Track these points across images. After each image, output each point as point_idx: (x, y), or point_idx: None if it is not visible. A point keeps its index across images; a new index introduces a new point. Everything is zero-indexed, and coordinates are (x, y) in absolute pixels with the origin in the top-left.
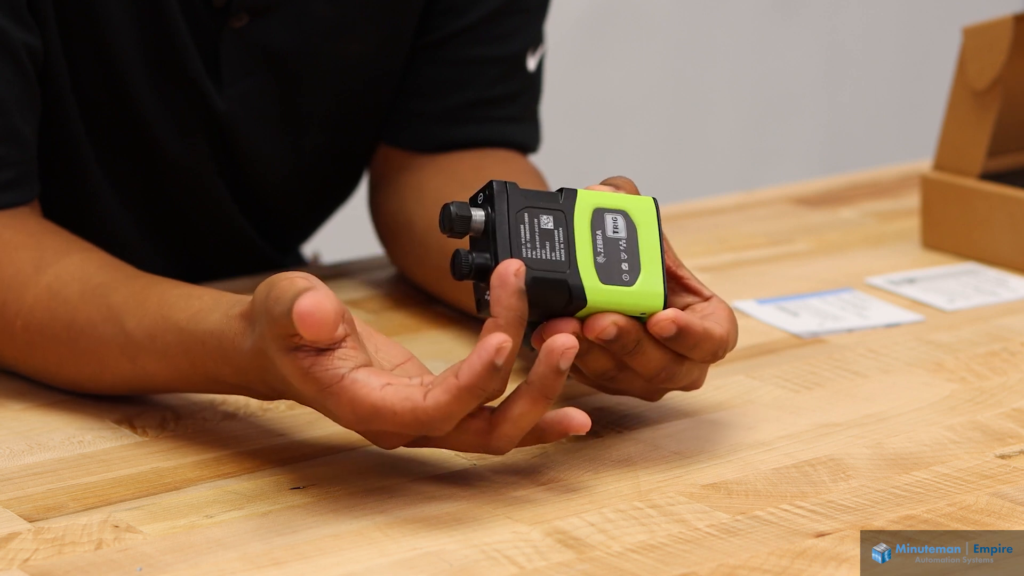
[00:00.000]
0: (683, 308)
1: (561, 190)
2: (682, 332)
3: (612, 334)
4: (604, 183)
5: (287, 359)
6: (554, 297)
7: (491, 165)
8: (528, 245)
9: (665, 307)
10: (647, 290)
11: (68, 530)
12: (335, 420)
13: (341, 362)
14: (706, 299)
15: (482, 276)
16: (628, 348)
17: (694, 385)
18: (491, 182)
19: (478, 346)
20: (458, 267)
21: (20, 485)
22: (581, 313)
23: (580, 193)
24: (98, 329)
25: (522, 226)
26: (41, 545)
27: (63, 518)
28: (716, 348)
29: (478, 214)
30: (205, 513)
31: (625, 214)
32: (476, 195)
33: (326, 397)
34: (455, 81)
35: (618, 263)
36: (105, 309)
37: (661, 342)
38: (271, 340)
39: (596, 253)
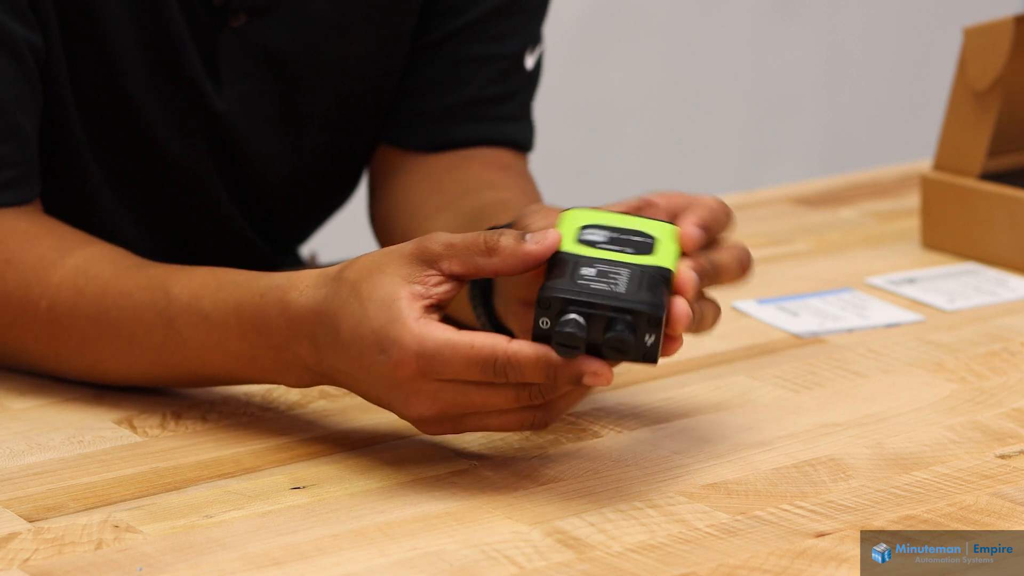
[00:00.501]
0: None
1: (554, 257)
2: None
3: (701, 237)
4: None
5: (391, 281)
6: (661, 289)
7: (475, 166)
8: (616, 287)
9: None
10: (661, 228)
11: (68, 530)
12: (388, 363)
13: (430, 311)
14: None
15: (648, 327)
16: (723, 227)
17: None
18: (542, 293)
19: (589, 360)
20: (637, 351)
21: (20, 485)
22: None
23: (566, 247)
24: (133, 297)
25: (593, 284)
26: (41, 545)
27: (63, 518)
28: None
29: (579, 319)
30: (205, 513)
31: (579, 228)
32: (542, 316)
33: (395, 325)
34: (454, 80)
35: (632, 242)
36: (145, 279)
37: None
38: (400, 264)
39: (623, 252)
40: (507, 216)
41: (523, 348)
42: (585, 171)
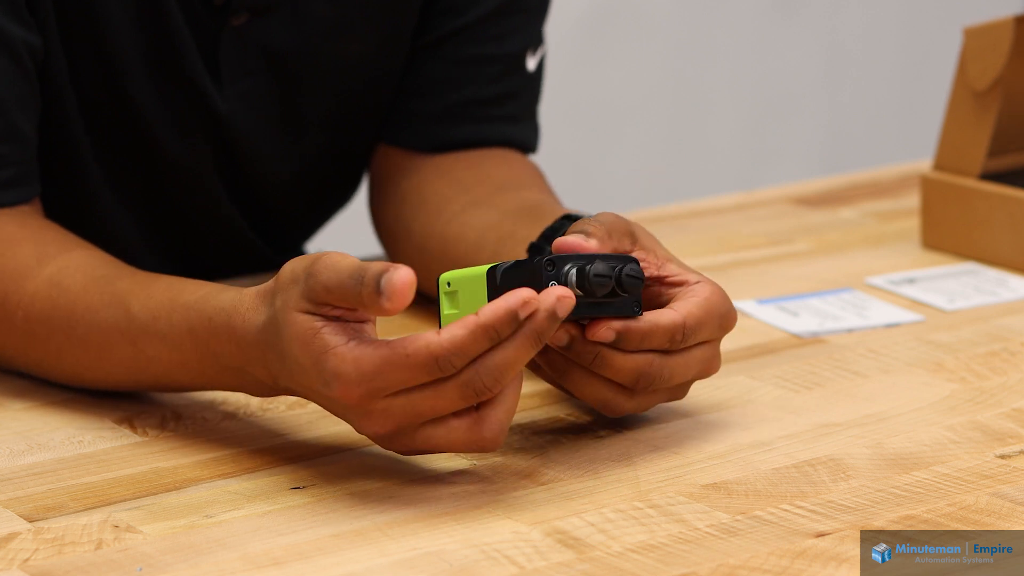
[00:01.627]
0: (668, 303)
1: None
2: (621, 335)
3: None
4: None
5: (302, 317)
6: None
7: (491, 166)
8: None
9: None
10: None
11: (68, 530)
12: (332, 395)
13: (352, 331)
14: (691, 286)
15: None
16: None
17: (676, 394)
18: (546, 258)
19: (508, 294)
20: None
21: (20, 485)
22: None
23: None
24: (100, 314)
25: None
26: (41, 545)
27: (63, 518)
28: (670, 336)
29: (600, 266)
30: (205, 513)
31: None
32: (550, 280)
33: (327, 358)
34: (454, 80)
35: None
36: (109, 295)
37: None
38: (298, 300)
39: None
40: (549, 221)
41: (454, 331)
42: (585, 171)
